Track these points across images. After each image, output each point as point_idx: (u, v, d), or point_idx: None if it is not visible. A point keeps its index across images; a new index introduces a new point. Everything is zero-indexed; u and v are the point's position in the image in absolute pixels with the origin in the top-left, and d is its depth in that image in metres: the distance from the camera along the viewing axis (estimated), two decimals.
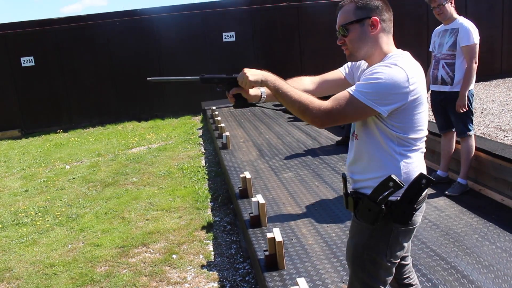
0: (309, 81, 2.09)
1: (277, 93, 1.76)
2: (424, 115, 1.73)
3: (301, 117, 1.73)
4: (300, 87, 2.02)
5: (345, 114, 1.65)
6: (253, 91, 1.97)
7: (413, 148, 1.72)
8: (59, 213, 5.21)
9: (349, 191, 1.85)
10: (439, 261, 2.96)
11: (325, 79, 2.09)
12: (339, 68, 2.08)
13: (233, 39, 12.37)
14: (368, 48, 1.76)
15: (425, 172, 1.74)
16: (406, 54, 1.75)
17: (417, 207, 1.73)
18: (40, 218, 5.09)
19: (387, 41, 1.77)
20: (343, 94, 1.66)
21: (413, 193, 1.68)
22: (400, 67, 1.62)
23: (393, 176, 1.63)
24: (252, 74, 1.84)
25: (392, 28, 1.79)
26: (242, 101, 1.97)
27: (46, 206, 5.53)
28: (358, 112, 1.64)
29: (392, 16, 1.79)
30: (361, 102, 1.61)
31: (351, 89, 1.65)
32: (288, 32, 12.63)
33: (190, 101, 11.99)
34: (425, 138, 1.78)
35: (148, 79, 2.15)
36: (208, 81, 2.01)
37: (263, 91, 2.00)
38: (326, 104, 1.66)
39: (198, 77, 2.01)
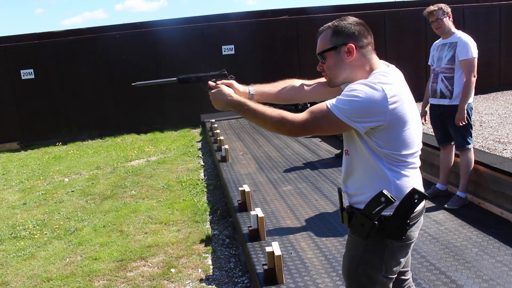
0: (302, 83, 2.11)
1: (246, 115, 1.81)
2: (413, 131, 1.69)
3: (276, 131, 1.77)
4: (291, 89, 2.08)
5: (320, 126, 1.69)
6: (242, 88, 2.02)
7: (403, 163, 1.69)
8: (57, 226, 5.18)
9: (344, 205, 1.84)
10: (439, 275, 2.94)
11: (319, 84, 2.09)
12: None
13: (233, 52, 12.43)
14: (346, 74, 1.76)
15: (419, 187, 1.71)
16: (391, 71, 1.72)
17: (411, 223, 1.71)
18: (38, 232, 5.07)
19: (369, 62, 1.75)
20: (320, 107, 1.67)
21: (406, 208, 1.65)
22: (380, 87, 1.60)
23: (385, 192, 1.61)
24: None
25: (373, 51, 1.77)
26: None
27: (44, 219, 5.50)
28: (332, 126, 1.66)
29: (372, 39, 1.77)
30: (336, 117, 1.62)
31: (329, 102, 1.65)
32: (288, 45, 12.69)
33: (189, 114, 12.00)
34: (418, 153, 1.75)
35: (133, 84, 2.17)
36: (185, 81, 2.02)
37: (251, 88, 2.03)
38: (301, 116, 1.68)
39: (175, 78, 2.02)
